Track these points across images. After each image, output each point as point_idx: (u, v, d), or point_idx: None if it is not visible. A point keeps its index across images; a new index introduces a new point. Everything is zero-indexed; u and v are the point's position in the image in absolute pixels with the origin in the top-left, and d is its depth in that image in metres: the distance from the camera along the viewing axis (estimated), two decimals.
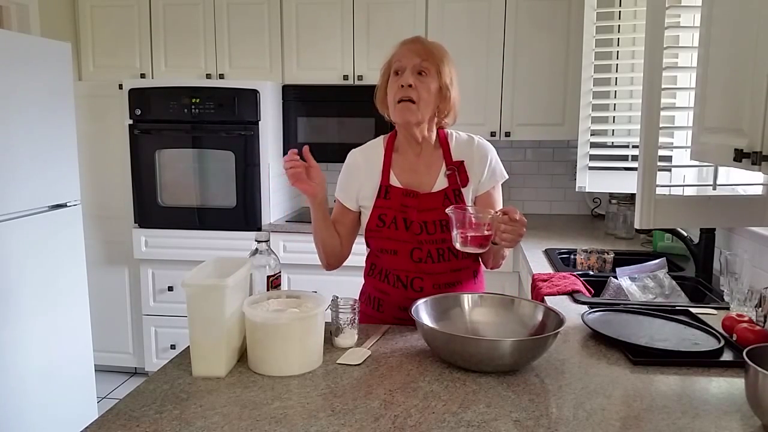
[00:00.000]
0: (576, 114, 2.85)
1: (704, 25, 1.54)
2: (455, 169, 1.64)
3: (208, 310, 1.28)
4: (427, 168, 1.66)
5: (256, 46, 3.43)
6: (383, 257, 1.67)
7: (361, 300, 1.76)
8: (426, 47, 1.60)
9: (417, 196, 1.63)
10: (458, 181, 1.63)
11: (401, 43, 1.64)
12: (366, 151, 1.73)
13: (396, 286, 1.66)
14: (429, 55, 1.58)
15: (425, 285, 1.63)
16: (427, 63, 1.57)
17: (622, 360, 1.39)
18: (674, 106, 2.23)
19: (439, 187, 1.64)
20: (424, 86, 1.57)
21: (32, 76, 2.42)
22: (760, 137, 1.22)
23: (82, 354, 2.73)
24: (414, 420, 1.11)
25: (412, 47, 1.60)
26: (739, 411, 1.15)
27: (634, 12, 2.83)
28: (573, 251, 2.55)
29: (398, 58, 1.61)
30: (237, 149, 3.24)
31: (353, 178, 1.71)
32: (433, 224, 1.61)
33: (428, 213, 1.62)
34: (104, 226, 3.49)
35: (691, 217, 1.79)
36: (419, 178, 1.66)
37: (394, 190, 1.65)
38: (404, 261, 1.64)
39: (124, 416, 1.12)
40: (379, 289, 1.70)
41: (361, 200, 1.70)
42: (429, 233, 1.61)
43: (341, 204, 1.74)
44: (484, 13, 3.26)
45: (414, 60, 1.58)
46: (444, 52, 1.63)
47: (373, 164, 1.69)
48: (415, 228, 1.61)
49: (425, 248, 1.62)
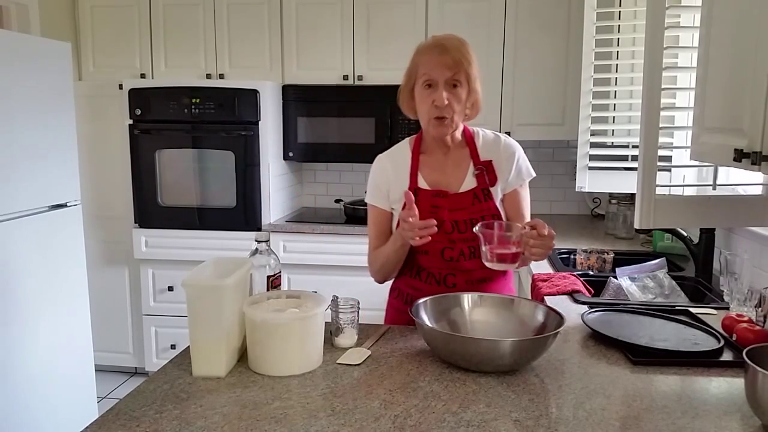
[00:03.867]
0: (576, 114, 2.84)
1: (704, 25, 1.54)
2: (483, 169, 1.64)
3: (208, 310, 1.28)
4: (455, 168, 1.66)
5: (256, 46, 3.43)
6: (415, 256, 1.67)
7: (391, 295, 1.78)
8: (455, 58, 1.54)
9: (447, 196, 1.63)
10: (486, 181, 1.64)
11: (428, 49, 1.59)
12: (393, 155, 1.73)
13: (429, 282, 1.67)
14: (459, 66, 1.54)
15: (458, 281, 1.64)
16: (458, 74, 1.55)
17: (622, 360, 1.39)
18: (674, 106, 2.23)
19: (467, 187, 1.64)
20: (456, 98, 1.56)
21: (32, 76, 2.42)
22: (760, 137, 1.22)
23: (82, 354, 2.73)
24: (414, 420, 1.11)
25: (441, 60, 1.54)
26: (739, 411, 1.15)
27: (634, 12, 2.83)
28: (573, 251, 2.55)
29: (427, 70, 1.56)
30: (237, 149, 3.24)
31: (383, 182, 1.70)
32: (464, 223, 1.62)
33: (459, 212, 1.62)
34: (104, 226, 3.49)
35: (691, 217, 1.79)
36: (447, 178, 1.66)
37: (422, 192, 1.65)
38: (436, 260, 1.64)
39: (124, 416, 1.13)
40: (412, 285, 1.70)
41: (392, 202, 1.70)
42: (460, 232, 1.62)
43: (376, 208, 1.72)
44: (484, 13, 3.26)
45: (445, 74, 1.54)
46: (467, 51, 1.58)
47: (401, 168, 1.69)
48: (446, 227, 1.61)
49: (457, 247, 1.62)
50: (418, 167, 1.67)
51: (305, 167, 3.88)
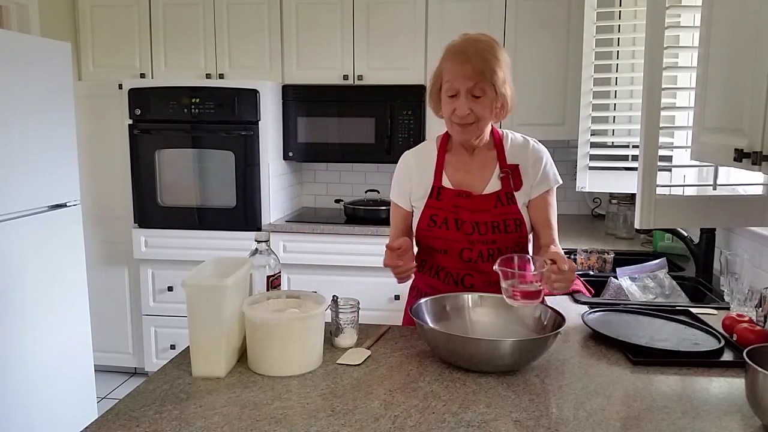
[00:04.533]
0: (576, 114, 2.84)
1: (704, 25, 1.53)
2: (509, 173, 1.63)
3: (208, 310, 1.27)
4: (481, 169, 1.65)
5: (255, 46, 3.43)
6: (434, 255, 1.68)
7: (410, 294, 1.78)
8: (476, 68, 1.49)
9: (469, 197, 1.62)
10: (511, 185, 1.62)
11: (452, 54, 1.54)
12: (418, 153, 1.73)
13: (447, 282, 1.66)
14: (480, 76, 1.50)
15: (476, 282, 1.64)
16: (481, 83, 1.51)
17: (622, 360, 1.39)
18: (674, 106, 2.23)
19: (491, 189, 1.63)
20: (480, 107, 1.53)
21: (32, 76, 2.42)
22: (760, 137, 1.22)
23: (82, 354, 2.73)
24: (414, 420, 1.11)
25: (462, 70, 1.50)
26: (739, 411, 1.15)
27: (634, 12, 2.83)
28: (573, 251, 2.55)
29: (449, 78, 1.53)
30: (237, 149, 3.24)
31: (405, 180, 1.70)
32: (484, 225, 1.61)
33: (480, 214, 1.61)
34: (104, 226, 3.49)
35: (691, 217, 1.79)
36: (472, 179, 1.65)
37: (446, 191, 1.64)
38: (454, 260, 1.64)
39: (124, 416, 1.12)
40: (430, 285, 1.70)
41: (413, 201, 1.70)
42: (480, 233, 1.61)
43: (398, 206, 1.73)
44: (484, 13, 3.26)
45: (467, 84, 1.51)
46: (493, 57, 1.51)
47: (426, 165, 1.68)
48: (466, 228, 1.61)
49: (476, 248, 1.62)
50: (444, 165, 1.67)
51: (305, 167, 3.88)
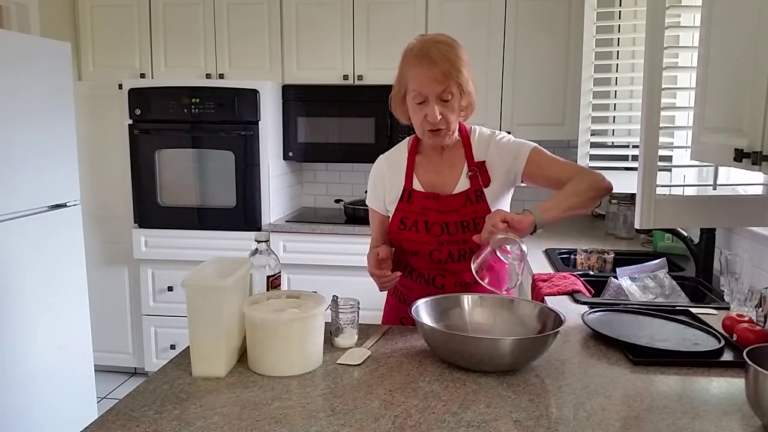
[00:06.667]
0: (576, 114, 2.84)
1: (704, 25, 1.53)
2: (477, 170, 1.63)
3: (208, 311, 1.27)
4: (450, 168, 1.65)
5: (255, 46, 3.43)
6: (406, 256, 1.69)
7: (389, 293, 1.79)
8: (443, 70, 1.48)
9: (438, 198, 1.62)
10: (480, 182, 1.62)
11: (416, 60, 1.51)
12: (390, 157, 1.73)
13: (419, 282, 1.68)
14: (448, 78, 1.49)
15: (446, 282, 1.64)
16: (449, 87, 1.50)
17: (622, 360, 1.39)
18: (674, 106, 2.23)
19: (461, 188, 1.63)
20: (449, 110, 1.53)
21: (32, 76, 2.42)
22: (760, 137, 1.22)
23: (82, 354, 2.73)
24: (414, 420, 1.11)
25: (430, 75, 1.48)
26: (739, 411, 1.14)
27: (634, 12, 2.83)
28: (573, 251, 2.55)
29: (416, 86, 1.51)
30: (237, 149, 3.24)
31: (379, 184, 1.72)
32: (454, 225, 1.61)
33: (449, 215, 1.61)
34: (104, 226, 3.49)
35: (691, 217, 1.79)
36: (443, 179, 1.65)
37: (416, 194, 1.65)
38: (425, 261, 1.65)
39: (124, 416, 1.12)
40: (404, 284, 1.72)
41: (387, 204, 1.71)
42: (450, 234, 1.61)
43: (375, 212, 1.75)
44: (484, 13, 3.26)
45: (436, 89, 1.49)
46: (456, 57, 1.51)
47: (397, 169, 1.69)
48: (435, 230, 1.61)
49: (445, 249, 1.62)
50: (414, 168, 1.67)
51: (305, 167, 3.88)
